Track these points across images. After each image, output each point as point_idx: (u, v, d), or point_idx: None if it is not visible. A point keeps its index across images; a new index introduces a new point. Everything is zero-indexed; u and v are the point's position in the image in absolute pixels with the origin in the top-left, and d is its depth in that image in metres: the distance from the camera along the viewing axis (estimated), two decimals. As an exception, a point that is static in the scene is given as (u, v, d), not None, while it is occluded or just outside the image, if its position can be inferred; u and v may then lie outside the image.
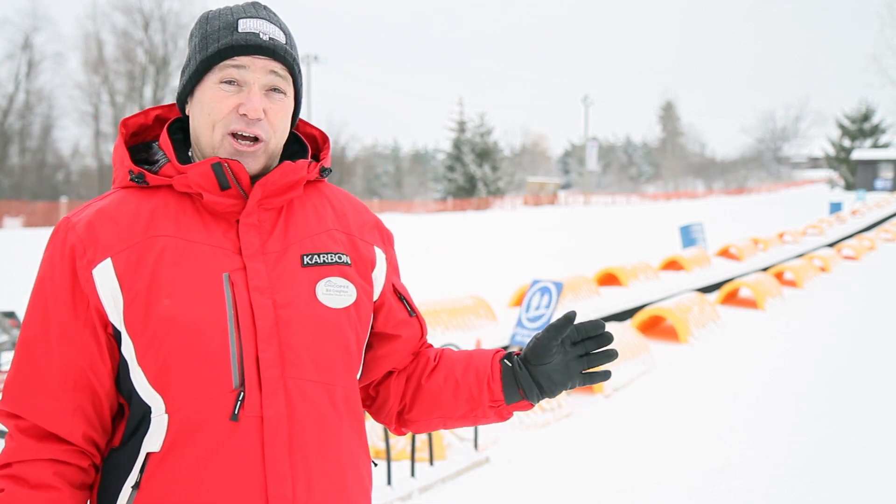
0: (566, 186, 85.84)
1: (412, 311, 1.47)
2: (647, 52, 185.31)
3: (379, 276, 1.42)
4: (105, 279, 1.23)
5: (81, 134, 74.18)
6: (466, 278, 15.76)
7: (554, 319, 1.50)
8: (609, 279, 15.13)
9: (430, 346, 1.54)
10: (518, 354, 1.41)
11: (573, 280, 13.15)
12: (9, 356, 6.00)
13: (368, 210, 1.48)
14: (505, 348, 1.49)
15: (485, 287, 13.61)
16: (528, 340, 7.16)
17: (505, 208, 52.78)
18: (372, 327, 1.43)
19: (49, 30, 74.03)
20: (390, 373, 1.49)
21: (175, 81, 51.41)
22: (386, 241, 1.48)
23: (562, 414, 6.03)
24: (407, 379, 1.48)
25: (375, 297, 1.42)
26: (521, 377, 1.38)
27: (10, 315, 5.92)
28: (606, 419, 6.02)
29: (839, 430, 5.71)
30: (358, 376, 1.40)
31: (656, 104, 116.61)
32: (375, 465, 1.46)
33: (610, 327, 7.88)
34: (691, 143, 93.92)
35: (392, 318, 1.44)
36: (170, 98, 48.36)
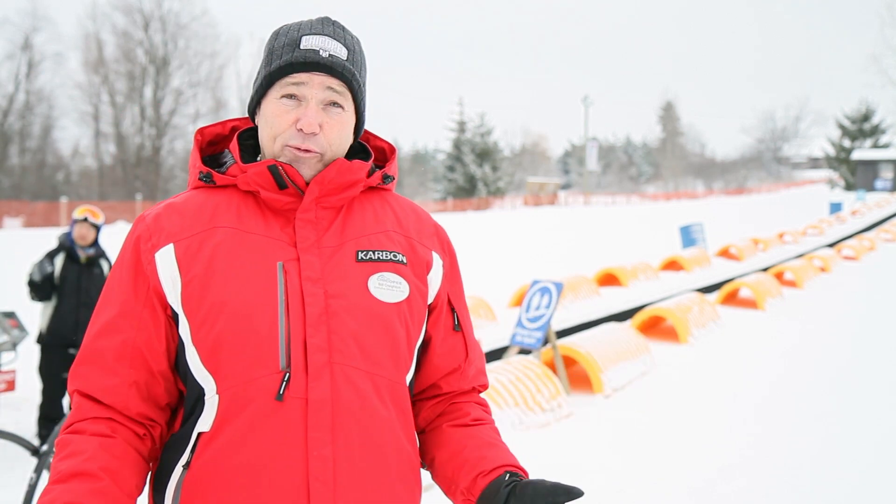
0: (566, 186, 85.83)
1: (458, 325, 1.48)
2: (647, 52, 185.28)
3: (434, 280, 1.45)
4: (166, 262, 1.31)
5: (81, 134, 74.17)
6: (466, 278, 15.73)
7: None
8: (609, 279, 15.13)
9: (480, 401, 1.54)
10: (519, 478, 1.34)
11: (573, 280, 13.16)
12: (9, 356, 6.00)
13: (431, 219, 1.53)
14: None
15: (485, 287, 13.60)
16: (527, 340, 7.10)
17: (505, 208, 52.78)
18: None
19: (49, 30, 73.89)
20: (435, 396, 1.50)
21: (175, 82, 51.26)
22: (446, 249, 1.51)
23: (562, 414, 6.03)
24: (440, 414, 1.50)
25: (430, 300, 1.45)
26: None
27: (10, 315, 5.90)
28: (606, 419, 6.02)
29: (840, 431, 5.71)
30: (410, 374, 1.41)
31: (656, 104, 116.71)
32: (424, 466, 1.47)
33: (610, 327, 7.81)
34: (691, 143, 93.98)
35: (439, 324, 1.47)
36: (170, 99, 48.37)
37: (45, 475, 3.50)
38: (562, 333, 9.84)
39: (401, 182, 77.94)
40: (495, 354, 8.83)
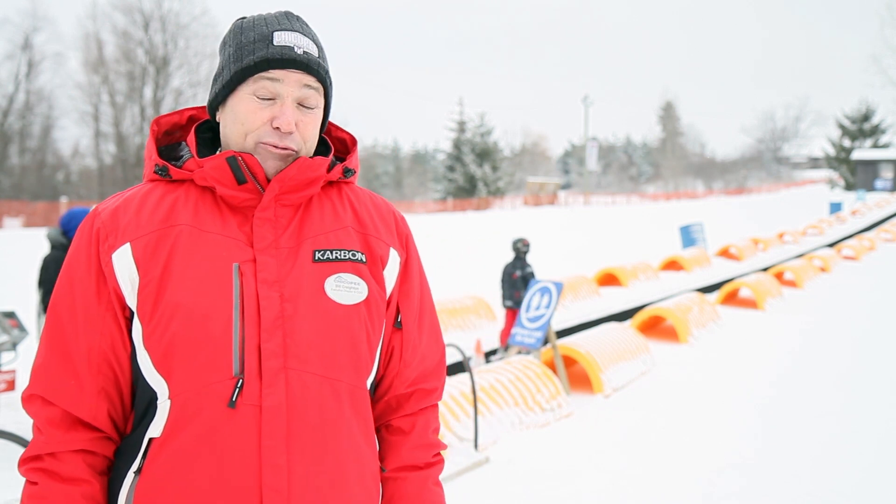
0: (566, 186, 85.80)
1: (399, 322, 1.44)
2: (647, 52, 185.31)
3: (389, 277, 1.41)
4: (123, 263, 1.27)
5: (81, 134, 74.23)
6: (466, 278, 15.77)
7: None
8: (609, 279, 15.13)
9: (410, 414, 1.46)
10: None
11: (573, 280, 13.17)
12: (9, 356, 6.00)
13: (392, 210, 1.48)
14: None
15: (485, 287, 13.61)
16: (527, 340, 7.11)
17: (505, 208, 52.76)
18: None
19: (49, 30, 73.99)
20: (379, 397, 1.46)
21: (175, 82, 51.18)
22: (403, 243, 1.46)
23: (562, 414, 6.03)
24: (379, 415, 1.46)
25: (387, 297, 1.41)
26: None
27: (10, 315, 5.90)
28: (606, 419, 6.01)
29: (841, 430, 5.70)
30: (371, 377, 1.38)
31: (656, 104, 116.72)
32: (384, 470, 1.43)
33: (610, 327, 7.81)
34: (691, 143, 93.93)
35: (388, 321, 1.43)
36: (170, 98, 48.33)
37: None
38: (562, 333, 9.84)
39: (400, 182, 78.04)
40: (495, 354, 8.84)
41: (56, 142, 51.93)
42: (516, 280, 9.41)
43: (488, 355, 9.16)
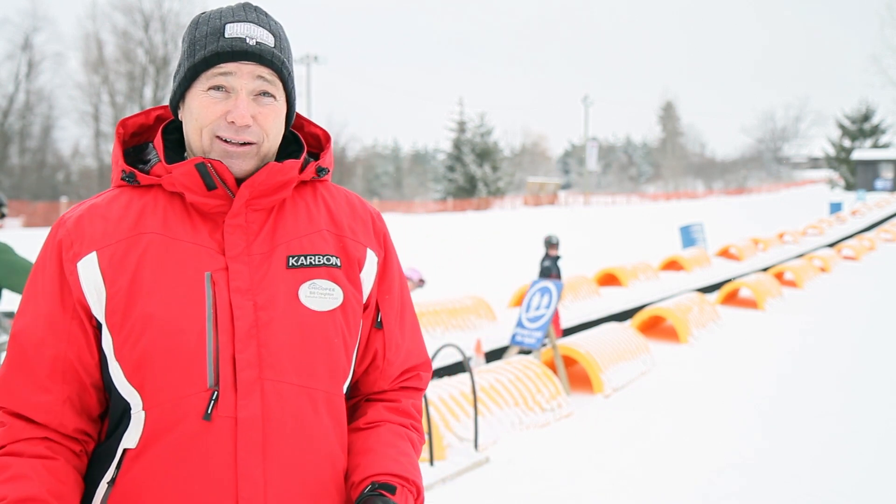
0: (566, 186, 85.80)
1: (380, 322, 1.41)
2: (647, 52, 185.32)
3: (367, 278, 1.38)
4: (88, 272, 1.24)
5: (81, 134, 74.25)
6: (466, 278, 15.76)
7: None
8: (609, 279, 15.13)
9: (393, 399, 1.43)
10: (378, 491, 1.27)
11: (573, 280, 13.17)
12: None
13: (368, 208, 1.44)
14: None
15: (485, 287, 13.61)
16: (527, 340, 7.11)
17: (505, 208, 52.75)
18: None
19: (49, 30, 74.07)
20: (353, 397, 1.43)
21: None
22: (381, 242, 1.42)
23: (562, 414, 6.03)
24: (350, 416, 1.42)
25: (364, 300, 1.38)
26: None
27: (11, 315, 5.91)
28: (606, 419, 6.01)
29: (841, 430, 5.70)
30: (347, 382, 1.36)
31: (656, 104, 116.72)
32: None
33: (610, 327, 7.80)
34: (691, 143, 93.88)
35: (366, 323, 1.40)
36: (169, 99, 48.30)
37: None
38: (562, 333, 9.83)
39: (400, 182, 78.02)
40: (495, 354, 8.84)
41: (56, 142, 52.01)
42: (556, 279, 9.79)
43: (489, 356, 9.16)
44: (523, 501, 4.37)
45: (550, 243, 10.08)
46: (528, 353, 7.59)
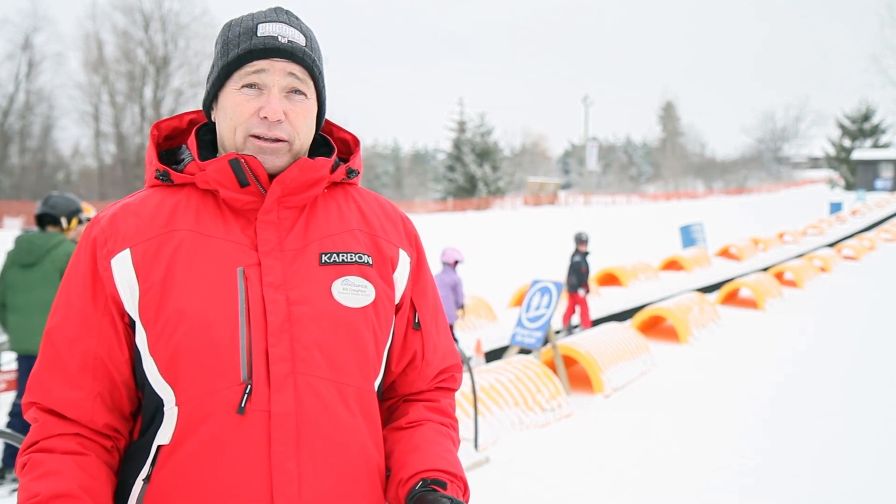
0: (566, 186, 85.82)
1: (418, 323, 1.43)
2: (647, 52, 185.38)
3: (400, 278, 1.40)
4: (122, 268, 1.26)
5: (81, 134, 74.30)
6: (466, 278, 15.77)
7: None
8: (609, 279, 15.14)
9: (432, 399, 1.46)
10: (431, 487, 1.29)
11: (573, 280, 13.15)
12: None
13: (398, 211, 1.47)
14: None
15: (485, 287, 13.62)
16: (527, 340, 7.10)
17: (505, 208, 52.76)
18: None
19: (49, 30, 74.10)
20: (389, 398, 1.46)
21: (175, 82, 51.07)
22: (413, 243, 1.45)
23: (562, 414, 6.03)
24: (388, 416, 1.45)
25: (397, 300, 1.40)
26: None
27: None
28: (606, 419, 6.02)
29: (842, 430, 5.70)
30: (378, 379, 1.37)
31: (656, 104, 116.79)
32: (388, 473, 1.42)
33: (610, 327, 7.79)
34: (691, 143, 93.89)
35: (401, 323, 1.42)
36: (170, 99, 48.32)
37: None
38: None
39: (400, 182, 78.07)
40: (495, 354, 8.84)
41: (56, 142, 52.09)
42: (584, 273, 10.39)
43: (489, 356, 9.16)
44: (523, 501, 4.37)
45: (580, 240, 10.79)
46: (527, 352, 7.60)
